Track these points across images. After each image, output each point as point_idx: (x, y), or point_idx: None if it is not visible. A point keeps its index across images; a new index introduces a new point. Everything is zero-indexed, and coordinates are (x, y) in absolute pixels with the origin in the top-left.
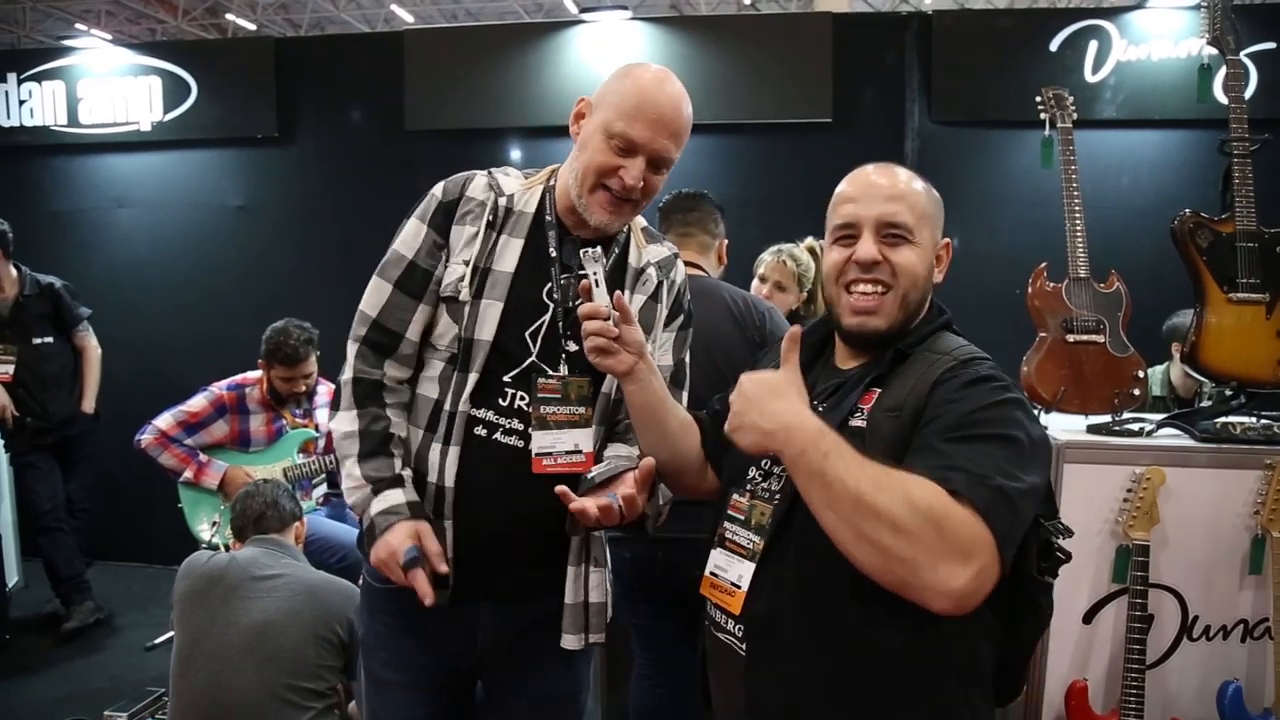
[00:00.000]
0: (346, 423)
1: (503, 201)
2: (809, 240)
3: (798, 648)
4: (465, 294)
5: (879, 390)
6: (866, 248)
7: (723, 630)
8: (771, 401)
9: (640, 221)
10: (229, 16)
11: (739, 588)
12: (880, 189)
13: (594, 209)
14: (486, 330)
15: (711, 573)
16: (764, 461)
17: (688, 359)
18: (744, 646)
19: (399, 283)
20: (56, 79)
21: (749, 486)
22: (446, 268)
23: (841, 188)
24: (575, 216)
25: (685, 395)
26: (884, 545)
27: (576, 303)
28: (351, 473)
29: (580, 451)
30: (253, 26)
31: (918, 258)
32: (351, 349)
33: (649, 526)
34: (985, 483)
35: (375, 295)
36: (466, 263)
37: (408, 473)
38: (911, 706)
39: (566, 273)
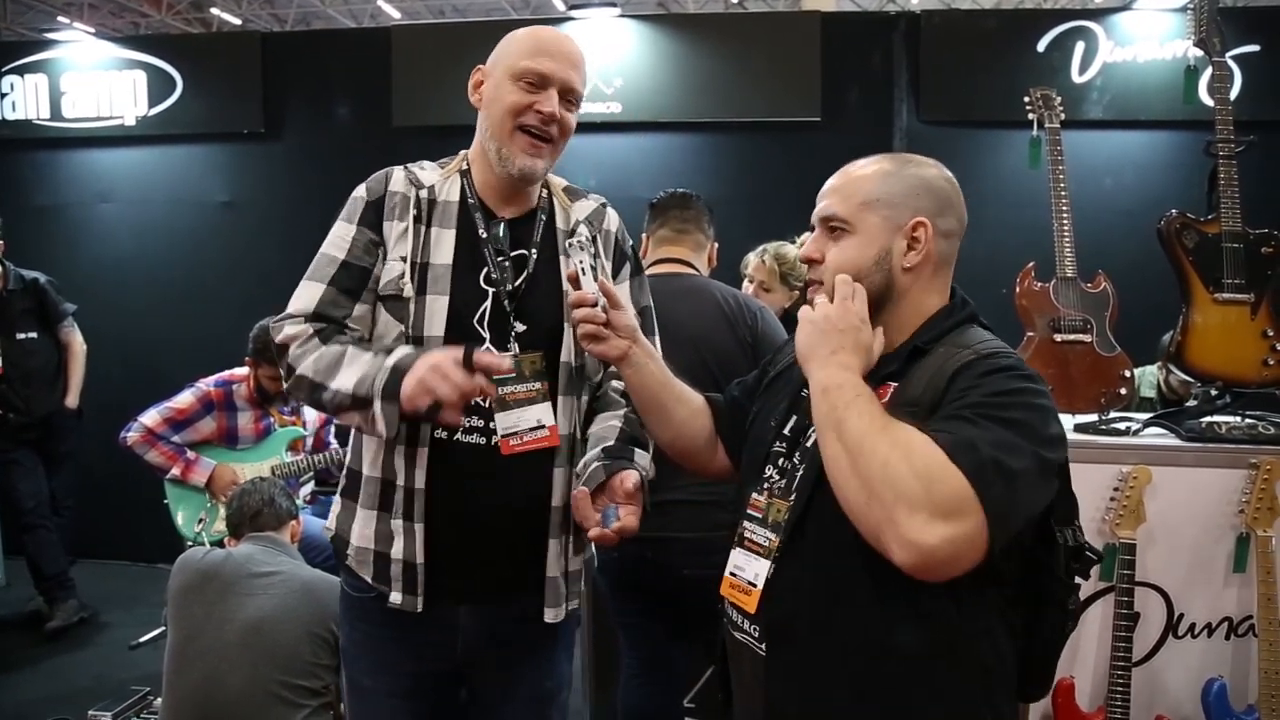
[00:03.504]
0: (319, 349)
1: (423, 194)
2: (804, 237)
3: (817, 649)
4: (408, 290)
5: (895, 385)
6: (805, 246)
7: (739, 630)
8: (831, 341)
9: (560, 181)
10: (214, 11)
11: (755, 586)
12: (829, 184)
13: (516, 155)
14: (436, 326)
15: (731, 572)
16: (780, 459)
17: (651, 304)
18: (763, 647)
19: (334, 281)
20: (39, 72)
21: (766, 485)
22: (384, 265)
23: None
24: (496, 196)
25: (657, 340)
26: (871, 483)
27: (520, 283)
28: (352, 362)
29: (544, 426)
30: (238, 21)
31: (850, 248)
32: (294, 326)
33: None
34: (981, 455)
35: (308, 294)
36: (404, 259)
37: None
38: (933, 707)
39: (501, 255)
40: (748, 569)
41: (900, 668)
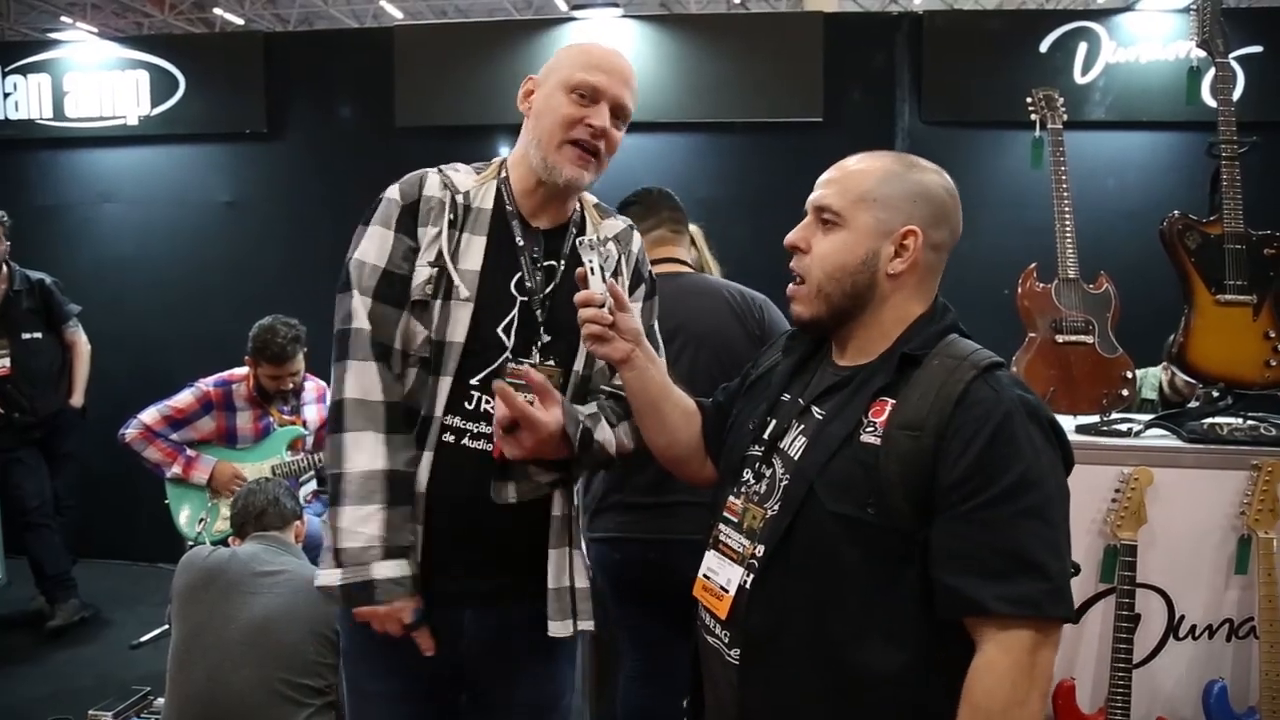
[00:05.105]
0: (376, 456)
1: (460, 199)
2: (692, 227)
3: (796, 665)
4: (461, 293)
5: (891, 401)
6: (792, 232)
7: (711, 634)
8: None
9: (591, 198)
10: (216, 11)
11: (727, 592)
12: (829, 174)
13: (563, 165)
14: (458, 332)
15: (704, 575)
16: (757, 463)
17: (656, 327)
18: (733, 654)
19: (379, 294)
20: (42, 72)
21: (742, 489)
22: (415, 271)
23: None
24: (533, 205)
25: (661, 352)
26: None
27: (548, 290)
28: (367, 520)
29: None
30: (240, 21)
31: (838, 244)
32: (366, 367)
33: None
34: (1030, 590)
35: (360, 310)
36: (431, 264)
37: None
38: None
39: (536, 263)
40: (721, 573)
41: (879, 685)
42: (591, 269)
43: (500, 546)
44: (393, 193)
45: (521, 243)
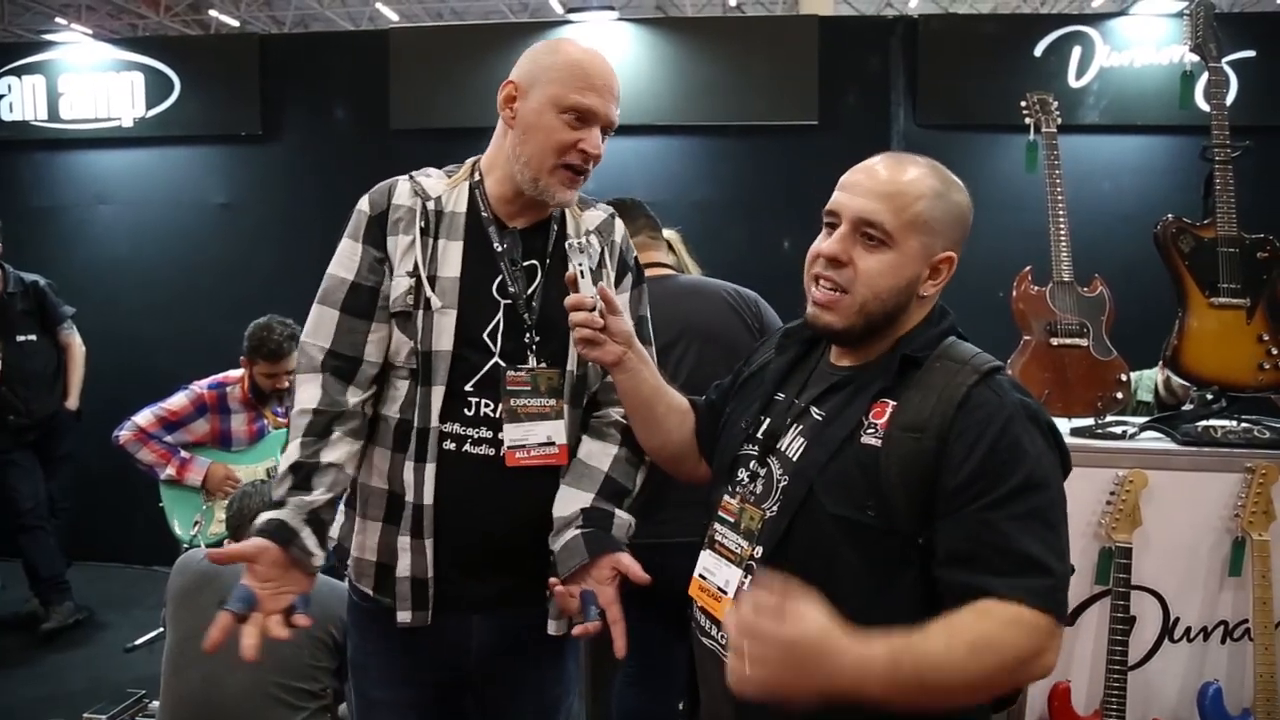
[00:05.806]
0: (289, 457)
1: (430, 205)
2: (669, 232)
3: None
4: (436, 303)
5: (892, 403)
6: (831, 243)
7: (708, 635)
8: (823, 667)
9: None
10: (212, 12)
11: (725, 593)
12: (872, 183)
13: (556, 188)
14: (444, 340)
15: (700, 575)
16: (751, 462)
17: (649, 315)
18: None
19: (345, 307)
20: (37, 74)
21: (737, 489)
22: (392, 281)
23: (847, 172)
24: (510, 208)
25: (653, 350)
26: (993, 691)
27: (531, 292)
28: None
29: (553, 443)
30: (236, 23)
31: (887, 266)
32: (312, 380)
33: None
34: (1041, 584)
35: (323, 324)
36: (410, 274)
37: (314, 497)
38: None
39: (515, 265)
40: (718, 574)
41: None
42: (581, 272)
43: (505, 551)
44: (363, 204)
45: (499, 247)
